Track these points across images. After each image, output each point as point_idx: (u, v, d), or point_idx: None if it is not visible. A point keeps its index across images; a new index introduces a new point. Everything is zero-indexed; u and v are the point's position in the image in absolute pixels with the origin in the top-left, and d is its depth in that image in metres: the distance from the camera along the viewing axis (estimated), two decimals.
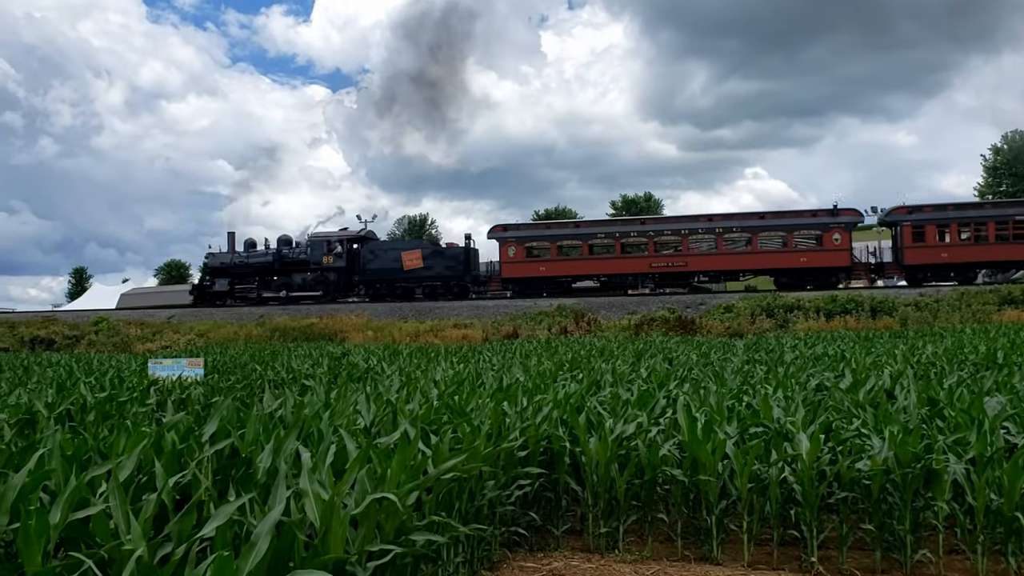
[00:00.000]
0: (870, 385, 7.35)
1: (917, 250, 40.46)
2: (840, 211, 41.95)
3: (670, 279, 43.97)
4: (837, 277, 41.77)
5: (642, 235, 44.24)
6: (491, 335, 31.18)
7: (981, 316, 29.33)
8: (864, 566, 4.98)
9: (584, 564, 5.01)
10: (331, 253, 46.18)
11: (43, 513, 2.76)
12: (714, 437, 5.15)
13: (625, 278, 44.31)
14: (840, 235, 41.22)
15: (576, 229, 45.70)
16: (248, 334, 34.30)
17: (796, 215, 43.08)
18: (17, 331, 37.76)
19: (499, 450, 4.92)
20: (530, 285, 44.66)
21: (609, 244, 44.23)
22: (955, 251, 40.25)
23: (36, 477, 3.16)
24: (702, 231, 43.26)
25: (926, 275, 40.66)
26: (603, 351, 15.60)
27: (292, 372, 12.04)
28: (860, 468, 4.95)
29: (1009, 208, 41.03)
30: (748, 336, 24.43)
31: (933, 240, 40.31)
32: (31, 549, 2.64)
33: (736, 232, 42.90)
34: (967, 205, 42.05)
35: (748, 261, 42.95)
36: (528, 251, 45.07)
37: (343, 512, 3.11)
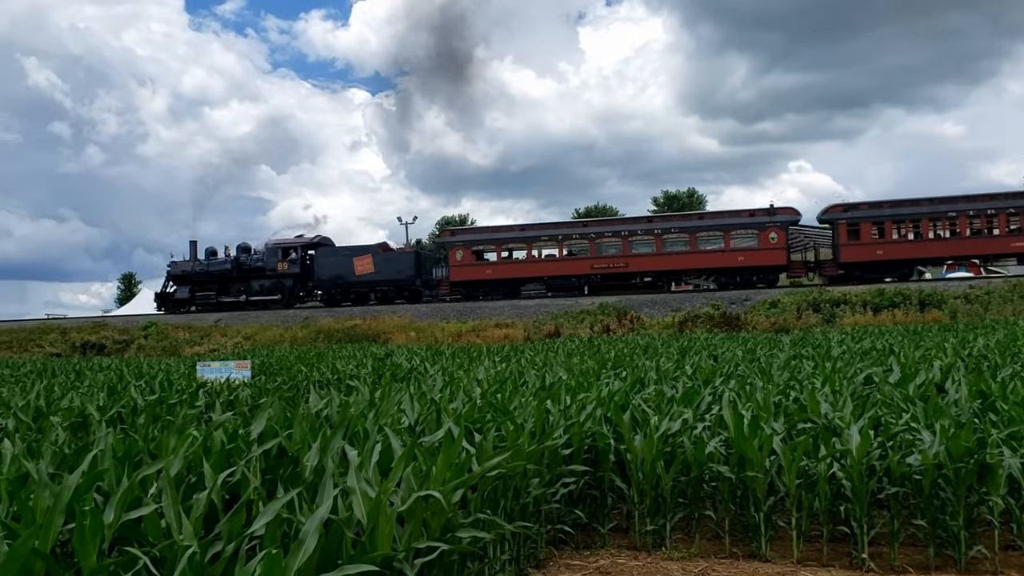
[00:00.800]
0: (920, 379, 7.22)
1: (853, 248, 40.98)
2: (777, 210, 42.78)
3: (612, 280, 44.66)
4: (775, 276, 42.42)
5: (584, 237, 44.92)
6: (533, 334, 31.19)
7: None
8: (917, 562, 4.89)
9: (631, 562, 4.99)
10: (286, 260, 47.81)
11: (97, 513, 2.82)
12: (761, 433, 5.09)
13: (568, 279, 45.09)
14: (776, 234, 41.67)
15: (521, 232, 46.43)
16: (293, 336, 34.71)
17: (733, 215, 44.01)
18: (69, 336, 38.63)
19: (543, 448, 4.91)
20: (478, 288, 45.74)
21: (552, 247, 45.22)
22: (890, 248, 40.79)
23: (90, 478, 3.22)
24: (641, 233, 44.09)
25: (863, 272, 40.96)
26: (647, 349, 15.52)
27: (337, 373, 12.16)
28: (911, 463, 4.86)
29: (943, 205, 41.05)
30: (794, 331, 24.13)
31: (869, 238, 40.86)
32: (86, 548, 2.70)
33: (675, 233, 43.60)
34: (903, 202, 42.03)
35: (688, 261, 43.54)
36: (475, 255, 46.08)
37: (389, 510, 3.13)
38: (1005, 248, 40.06)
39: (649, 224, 44.66)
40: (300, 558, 2.67)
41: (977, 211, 40.21)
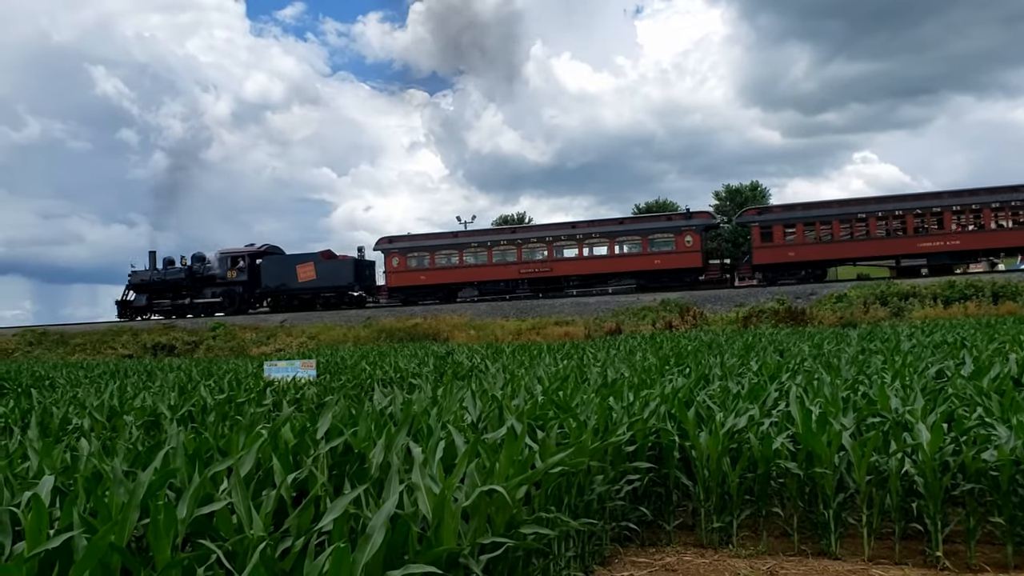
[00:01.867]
0: (994, 372, 7.00)
1: (765, 250, 41.79)
2: (693, 214, 44.41)
3: (539, 285, 45.83)
4: (692, 278, 43.56)
5: (511, 243, 46.06)
6: (593, 331, 31.09)
7: None
8: (995, 561, 4.75)
9: (697, 559, 4.94)
10: (235, 268, 49.70)
11: (171, 508, 2.89)
12: (829, 429, 5.00)
13: (497, 284, 46.32)
14: (692, 237, 42.77)
15: (453, 239, 47.64)
16: (356, 336, 35.15)
17: (652, 219, 46.63)
18: (140, 338, 39.73)
19: (606, 444, 4.89)
20: (414, 293, 47.24)
21: (482, 253, 46.26)
22: (801, 250, 41.60)
23: (162, 475, 3.31)
24: (565, 238, 45.12)
25: (775, 274, 41.83)
26: (711, 345, 15.35)
27: (400, 371, 12.28)
28: (986, 459, 4.72)
29: (854, 207, 41.61)
30: (862, 326, 23.62)
31: (780, 240, 41.50)
32: (161, 543, 2.77)
33: (597, 238, 44.61)
34: (814, 205, 42.86)
35: (609, 265, 44.63)
36: (410, 261, 47.17)
37: (454, 505, 3.15)
38: (913, 248, 40.57)
39: (573, 230, 45.82)
40: (367, 553, 2.70)
41: (886, 212, 40.85)
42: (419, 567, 2.75)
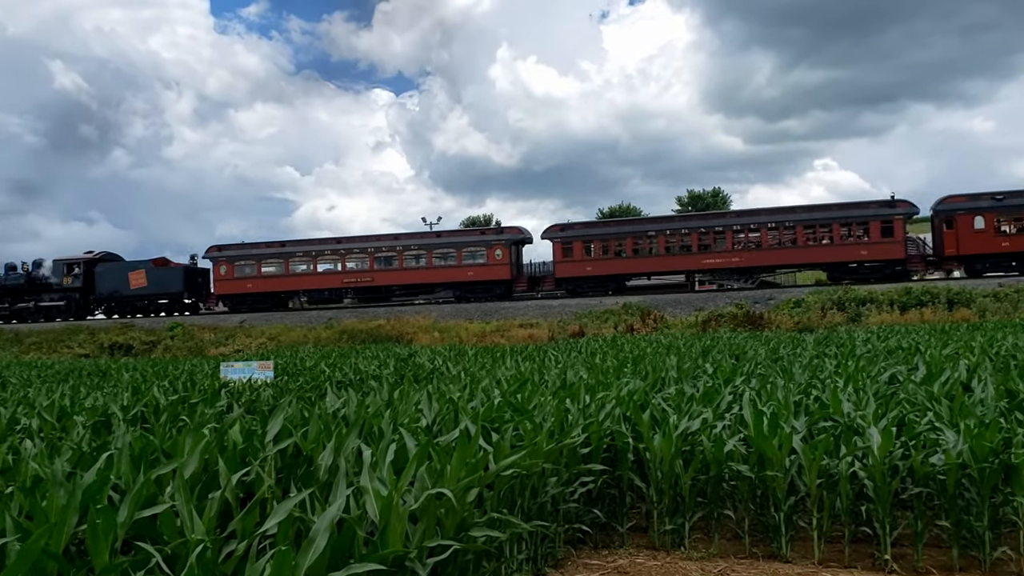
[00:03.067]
0: (945, 378, 7.11)
1: (566, 264, 44.70)
2: (504, 229, 47.21)
3: (364, 294, 47.52)
4: (503, 289, 45.80)
5: (336, 253, 47.60)
6: (557, 334, 31.16)
7: None
8: (941, 563, 4.82)
9: (650, 562, 4.95)
10: (71, 275, 50.12)
11: (110, 511, 2.83)
12: (780, 432, 5.03)
13: (322, 292, 47.99)
14: (502, 251, 45.15)
15: (281, 248, 48.77)
16: (317, 337, 34.88)
17: (466, 233, 48.79)
18: (97, 337, 39.06)
19: (561, 447, 4.88)
20: (242, 301, 48.49)
21: (307, 262, 47.71)
22: (598, 264, 44.34)
23: (104, 477, 3.24)
24: (386, 249, 46.82)
25: (575, 287, 44.43)
26: (669, 348, 15.44)
27: (359, 373, 12.18)
28: (935, 463, 4.79)
29: (647, 225, 45.18)
30: (819, 330, 23.92)
31: (580, 255, 44.33)
32: (99, 546, 2.71)
33: (415, 250, 46.60)
34: (612, 222, 46.15)
35: (427, 276, 46.63)
36: (237, 270, 48.43)
37: (402, 508, 3.12)
38: (698, 265, 43.76)
39: (394, 241, 47.41)
40: (311, 556, 2.67)
41: (674, 230, 43.87)
42: (360, 567, 2.72)
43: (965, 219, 40.14)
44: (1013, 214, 40.03)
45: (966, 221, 40.13)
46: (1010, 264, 40.00)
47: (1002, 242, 40.01)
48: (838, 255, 42.01)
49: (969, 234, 40.00)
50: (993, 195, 40.69)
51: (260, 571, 2.52)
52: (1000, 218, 40.14)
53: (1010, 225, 40.06)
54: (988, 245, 39.99)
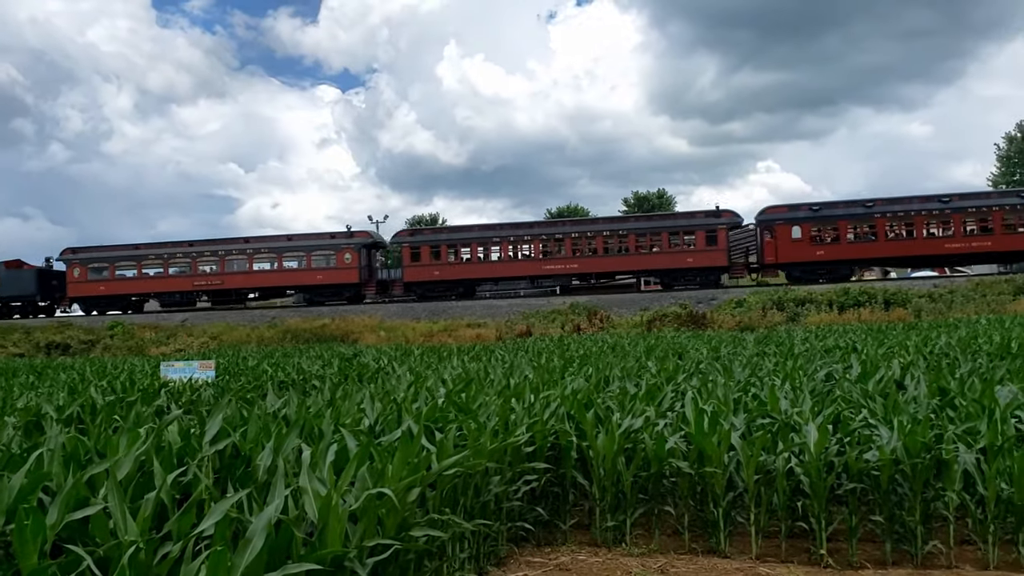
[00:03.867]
0: (880, 376, 7.29)
1: (414, 269, 45.75)
2: (354, 233, 47.80)
3: (214, 296, 48.59)
4: (351, 292, 47.04)
5: (187, 256, 48.23)
6: (504, 334, 31.19)
7: (996, 306, 29.14)
8: (874, 558, 4.93)
9: (591, 558, 4.99)
10: None
11: (38, 513, 2.76)
12: (720, 429, 5.11)
13: (174, 296, 48.51)
14: (351, 255, 46.16)
15: (134, 251, 49.44)
16: (260, 336, 34.44)
17: (315, 237, 48.53)
18: (33, 336, 38.03)
19: (504, 446, 4.89)
20: (95, 304, 49.17)
21: (160, 265, 48.41)
22: (445, 269, 45.96)
23: (35, 478, 3.16)
24: (236, 252, 47.61)
25: (424, 291, 45.85)
26: (614, 347, 15.56)
27: (303, 373, 12.06)
28: (868, 459, 4.90)
29: (492, 231, 46.45)
30: (759, 330, 24.32)
31: (428, 260, 45.65)
32: (27, 548, 2.64)
33: (265, 253, 47.34)
34: (458, 228, 47.75)
35: (276, 279, 47.64)
36: (92, 272, 49.00)
37: (342, 508, 3.10)
38: (540, 271, 45.43)
39: (245, 244, 48.01)
40: (247, 557, 2.63)
41: (517, 236, 45.51)
42: (297, 567, 2.69)
43: (784, 229, 42.39)
44: (827, 224, 42.36)
45: (785, 231, 42.34)
46: (825, 272, 42.19)
47: (817, 251, 42.33)
48: (668, 262, 44.09)
49: (787, 243, 42.21)
50: (810, 206, 43.25)
51: (195, 572, 2.48)
52: (815, 228, 42.49)
53: (824, 235, 42.40)
54: (804, 254, 42.24)
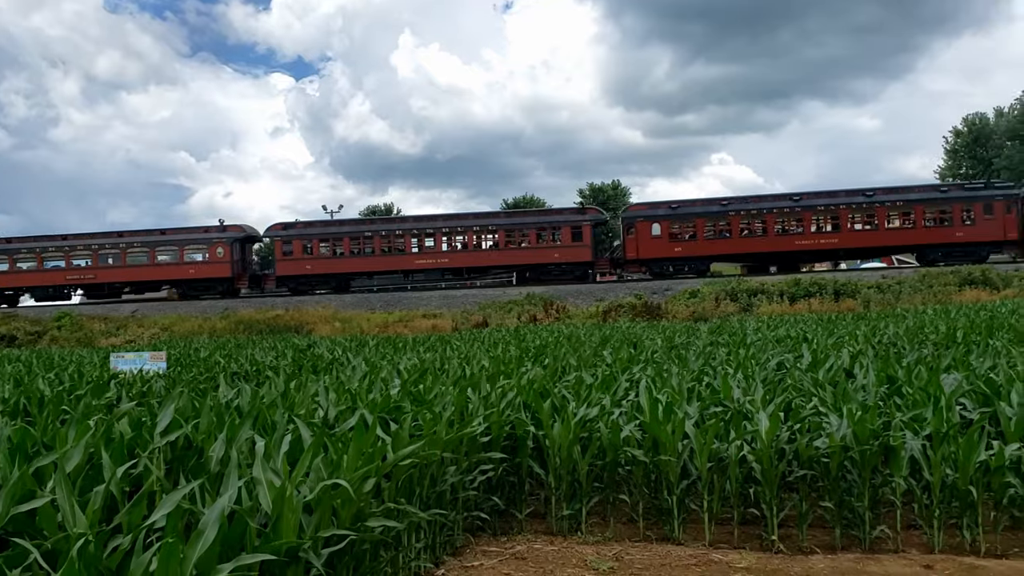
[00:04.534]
0: (829, 365, 7.42)
1: (287, 263, 46.51)
2: (227, 227, 48.11)
3: (88, 291, 48.78)
4: (224, 286, 47.18)
5: (60, 250, 48.33)
6: (461, 324, 31.17)
7: (942, 296, 29.80)
8: (824, 543, 5.03)
9: (547, 547, 5.01)
10: None
11: None
12: (674, 417, 5.17)
13: (47, 290, 48.62)
14: (223, 249, 46.88)
15: (7, 244, 49.12)
16: (212, 327, 34.00)
17: (188, 232, 48.96)
18: None
19: (460, 436, 4.89)
20: None
21: (33, 259, 48.33)
22: (317, 263, 46.52)
23: None
24: (109, 247, 47.85)
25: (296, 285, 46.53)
26: (570, 337, 15.63)
27: (256, 364, 11.93)
28: (818, 446, 4.99)
29: (364, 226, 48.14)
30: (712, 320, 24.60)
31: (300, 254, 46.36)
32: None
33: (138, 247, 47.62)
34: (332, 222, 48.48)
35: (148, 273, 47.84)
36: None
37: (296, 499, 3.07)
38: (411, 265, 46.39)
39: (118, 239, 48.17)
40: (200, 548, 2.60)
41: (388, 232, 46.76)
42: (251, 557, 2.67)
43: (644, 226, 43.72)
44: (686, 222, 43.75)
45: (645, 228, 43.68)
46: (683, 268, 43.73)
47: (675, 247, 43.81)
48: (535, 257, 45.20)
49: (648, 240, 43.56)
50: (669, 204, 44.80)
51: (146, 564, 2.45)
52: (674, 226, 43.82)
53: (683, 232, 43.81)
54: (663, 250, 43.73)
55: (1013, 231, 41.87)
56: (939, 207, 42.40)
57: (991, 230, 41.80)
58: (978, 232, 41.86)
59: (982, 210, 41.95)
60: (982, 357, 7.87)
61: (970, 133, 73.88)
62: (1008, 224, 41.77)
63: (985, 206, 41.97)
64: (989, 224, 41.81)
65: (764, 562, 4.68)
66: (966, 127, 74.57)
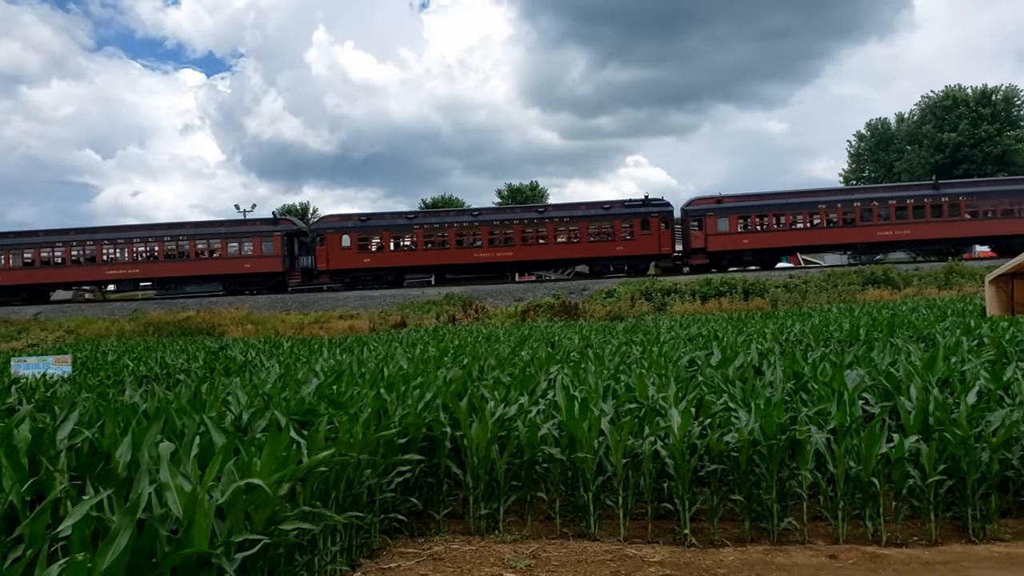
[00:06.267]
0: (739, 362, 7.62)
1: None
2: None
3: None
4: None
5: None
6: (378, 325, 30.91)
7: (846, 296, 30.85)
8: (734, 536, 5.16)
9: (465, 546, 5.02)
10: None
11: None
12: (590, 415, 5.24)
13: None
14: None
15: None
16: (121, 330, 32.95)
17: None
18: None
19: (377, 438, 4.86)
20: None
21: None
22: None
23: None
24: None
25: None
26: (489, 337, 15.66)
27: (166, 367, 11.63)
28: (729, 441, 5.12)
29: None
30: (628, 319, 24.97)
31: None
32: None
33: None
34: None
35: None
36: None
37: (208, 503, 3.01)
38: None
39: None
40: (109, 558, 2.53)
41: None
42: None
43: (335, 237, 45.23)
44: (373, 234, 45.69)
45: (335, 239, 45.19)
46: (372, 279, 45.48)
47: (364, 259, 45.40)
48: (227, 268, 46.31)
49: (338, 251, 45.11)
50: (359, 216, 46.52)
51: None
52: (363, 237, 45.54)
53: (371, 244, 45.71)
54: (352, 261, 45.30)
55: (668, 245, 44.68)
56: (601, 223, 45.32)
57: (649, 244, 44.52)
58: (637, 246, 44.81)
59: (640, 226, 44.52)
60: (883, 353, 8.19)
61: (873, 137, 76.70)
62: (663, 239, 44.53)
63: (643, 222, 44.63)
64: (647, 239, 44.47)
65: (677, 556, 4.79)
66: (869, 131, 77.36)
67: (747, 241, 44.64)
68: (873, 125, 77.31)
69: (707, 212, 44.58)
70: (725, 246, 44.52)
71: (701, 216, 44.60)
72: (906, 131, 72.56)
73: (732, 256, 44.92)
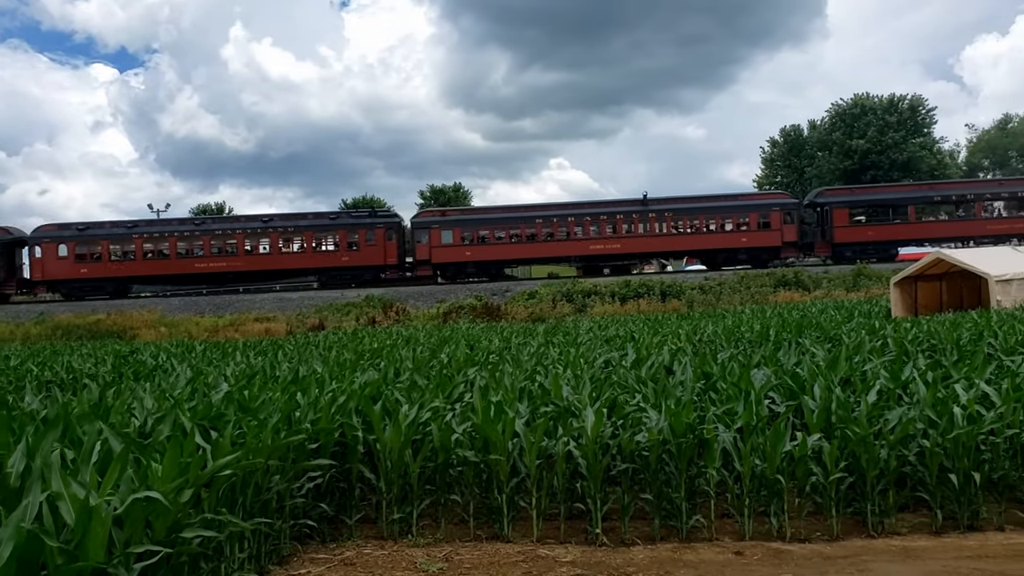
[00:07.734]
0: (651, 362, 7.74)
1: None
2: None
3: None
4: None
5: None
6: (296, 328, 30.43)
7: (759, 297, 31.63)
8: (644, 534, 5.24)
9: (377, 551, 4.98)
10: None
11: None
12: (505, 417, 5.26)
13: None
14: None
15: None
16: (26, 333, 31.71)
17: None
18: None
19: (287, 443, 4.79)
20: None
21: None
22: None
23: None
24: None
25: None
26: (409, 340, 15.58)
27: (72, 372, 11.24)
28: (639, 440, 5.20)
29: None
30: (549, 320, 25.15)
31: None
32: None
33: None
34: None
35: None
36: None
37: (104, 512, 2.92)
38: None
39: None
40: None
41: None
42: None
43: (51, 247, 45.28)
44: (93, 244, 45.81)
45: (52, 248, 45.28)
46: (90, 289, 45.47)
47: (81, 268, 45.47)
48: None
49: (55, 260, 45.22)
50: (77, 225, 46.68)
51: None
52: (81, 247, 45.79)
53: (90, 253, 45.75)
54: (71, 271, 45.41)
55: (393, 256, 46.12)
56: (330, 233, 46.56)
57: (375, 255, 45.98)
58: (363, 256, 46.11)
59: (366, 237, 45.94)
60: (789, 354, 8.42)
61: (786, 143, 78.89)
62: (389, 250, 45.98)
63: (370, 233, 46.00)
64: (373, 250, 45.91)
65: (588, 555, 4.84)
66: (782, 137, 79.54)
67: (469, 253, 45.81)
68: (786, 131, 79.52)
69: (432, 224, 45.60)
70: (449, 258, 45.63)
71: (427, 228, 45.37)
72: (817, 138, 74.81)
73: (456, 267, 46.00)
